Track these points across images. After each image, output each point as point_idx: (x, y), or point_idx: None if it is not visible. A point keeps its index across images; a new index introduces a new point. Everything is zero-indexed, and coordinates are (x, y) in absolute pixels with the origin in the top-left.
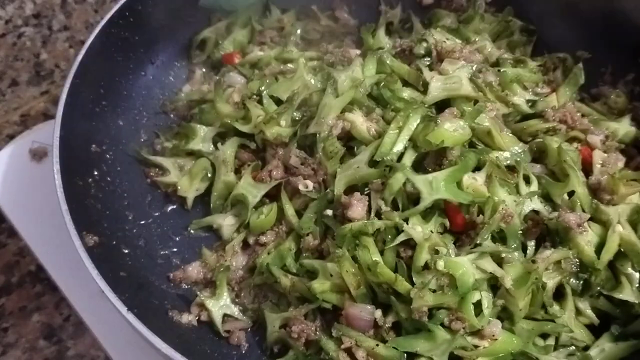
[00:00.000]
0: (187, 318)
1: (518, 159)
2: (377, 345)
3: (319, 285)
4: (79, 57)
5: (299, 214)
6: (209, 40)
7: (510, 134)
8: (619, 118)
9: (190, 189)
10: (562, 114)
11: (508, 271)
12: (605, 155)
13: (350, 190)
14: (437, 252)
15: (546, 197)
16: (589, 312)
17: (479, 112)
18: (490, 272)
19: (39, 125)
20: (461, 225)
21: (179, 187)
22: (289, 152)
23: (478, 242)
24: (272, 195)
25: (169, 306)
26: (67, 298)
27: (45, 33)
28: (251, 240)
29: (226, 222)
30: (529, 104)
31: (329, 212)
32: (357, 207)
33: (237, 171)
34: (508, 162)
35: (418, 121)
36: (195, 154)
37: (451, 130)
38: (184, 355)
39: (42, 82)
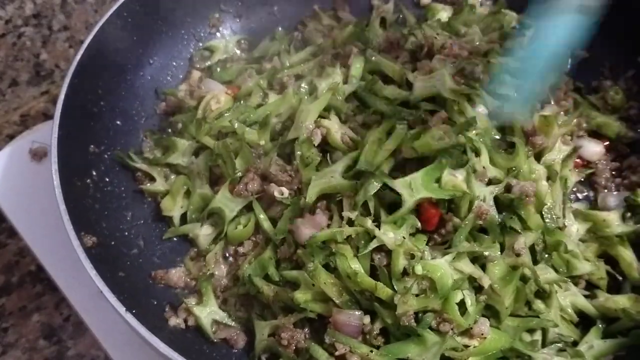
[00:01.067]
0: (175, 321)
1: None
2: (372, 351)
3: (302, 295)
4: (77, 57)
5: (277, 222)
6: (217, 50)
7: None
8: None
9: (174, 208)
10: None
11: (492, 270)
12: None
13: (322, 198)
14: (412, 256)
15: None
16: (570, 310)
17: (469, 125)
18: (465, 266)
19: (38, 125)
20: (435, 225)
21: (162, 208)
22: (270, 161)
23: (453, 243)
24: (249, 205)
25: (168, 307)
26: (67, 298)
27: (45, 33)
28: (230, 251)
29: (203, 232)
30: None
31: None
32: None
33: (217, 183)
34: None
35: (404, 132)
36: (173, 168)
37: (437, 139)
38: (182, 355)
39: (42, 82)
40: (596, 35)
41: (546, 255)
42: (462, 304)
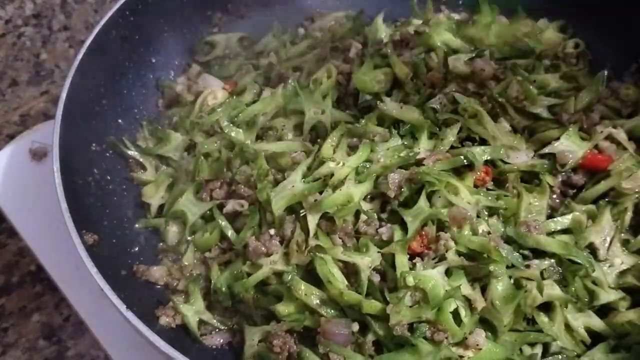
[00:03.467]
0: (165, 320)
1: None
2: None
3: (284, 308)
4: (79, 56)
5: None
6: (217, 45)
7: (508, 128)
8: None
9: (154, 196)
10: (578, 118)
11: (495, 286)
12: None
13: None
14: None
15: None
16: (582, 330)
17: None
18: (461, 286)
19: (39, 125)
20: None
21: (143, 193)
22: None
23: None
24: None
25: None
26: (67, 298)
27: (45, 33)
28: (198, 255)
29: (172, 228)
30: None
31: (272, 231)
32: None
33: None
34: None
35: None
36: (165, 160)
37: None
38: (183, 353)
39: (42, 82)
40: (593, 40)
41: (559, 274)
42: (457, 315)
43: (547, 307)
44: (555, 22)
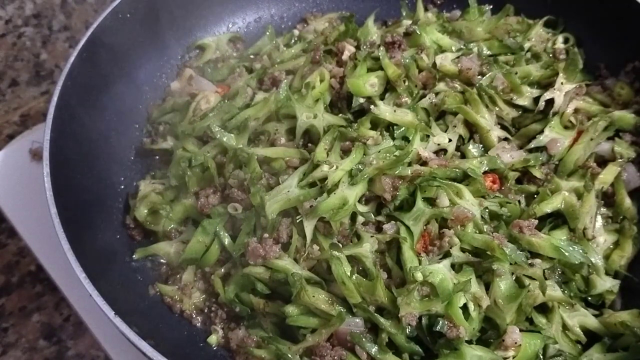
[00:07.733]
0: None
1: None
2: None
3: (294, 309)
4: (71, 59)
5: None
6: (208, 47)
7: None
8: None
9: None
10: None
11: (498, 285)
12: None
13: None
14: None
15: None
16: (577, 329)
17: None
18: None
19: (39, 125)
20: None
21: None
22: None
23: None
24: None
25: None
26: (67, 298)
27: (45, 33)
28: (199, 271)
29: (174, 249)
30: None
31: (266, 235)
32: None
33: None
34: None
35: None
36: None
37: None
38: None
39: (42, 82)
40: (586, 40)
41: (560, 274)
42: (465, 311)
43: (544, 308)
44: (543, 17)
